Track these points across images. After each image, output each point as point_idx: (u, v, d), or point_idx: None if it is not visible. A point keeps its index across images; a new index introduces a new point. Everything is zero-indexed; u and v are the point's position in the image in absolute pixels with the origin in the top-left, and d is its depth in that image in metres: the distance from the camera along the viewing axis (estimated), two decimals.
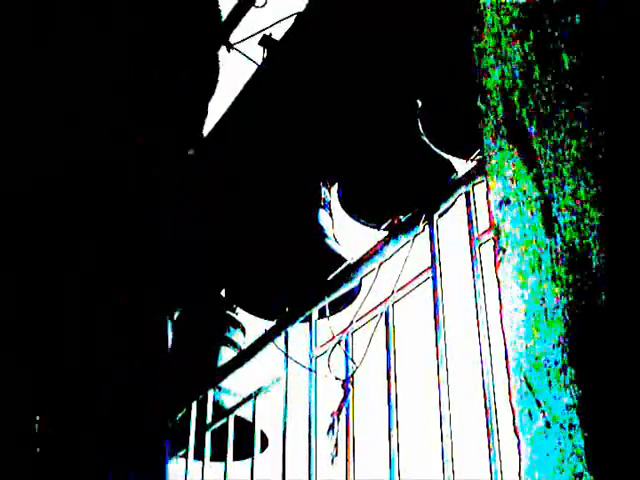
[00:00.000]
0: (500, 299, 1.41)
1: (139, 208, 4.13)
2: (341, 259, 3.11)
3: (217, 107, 3.70)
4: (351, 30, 3.13)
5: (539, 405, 1.25)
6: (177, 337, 4.04)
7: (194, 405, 3.47)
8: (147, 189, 4.11)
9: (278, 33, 3.37)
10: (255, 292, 3.54)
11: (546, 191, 1.35)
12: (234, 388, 3.54)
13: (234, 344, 3.87)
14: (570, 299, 1.26)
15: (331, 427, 2.68)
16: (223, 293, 4.02)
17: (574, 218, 1.29)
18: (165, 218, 4.07)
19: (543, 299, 1.29)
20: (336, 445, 2.65)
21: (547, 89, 1.43)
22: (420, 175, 3.06)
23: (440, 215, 2.61)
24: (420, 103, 3.18)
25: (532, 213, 1.36)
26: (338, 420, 2.68)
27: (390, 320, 2.70)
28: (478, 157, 2.46)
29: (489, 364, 2.20)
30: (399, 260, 2.71)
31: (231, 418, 3.30)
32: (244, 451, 3.33)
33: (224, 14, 3.53)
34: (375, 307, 2.77)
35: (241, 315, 3.93)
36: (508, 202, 1.42)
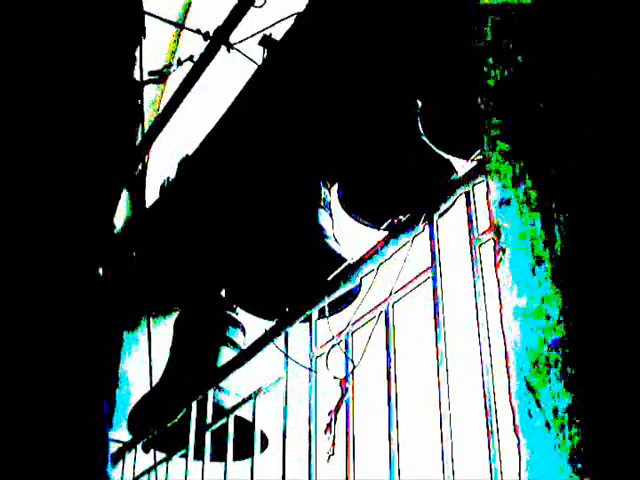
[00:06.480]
0: (500, 299, 1.41)
1: None
2: (341, 259, 3.10)
3: (217, 107, 3.71)
4: (351, 30, 3.13)
5: (539, 405, 1.25)
6: (177, 337, 4.04)
7: (194, 405, 3.47)
8: None
9: (278, 33, 3.38)
10: (255, 292, 3.54)
11: (546, 191, 1.35)
12: (234, 388, 3.54)
13: (234, 344, 3.87)
14: (570, 299, 1.26)
15: (328, 426, 2.68)
16: (223, 293, 4.02)
17: (574, 218, 1.29)
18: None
19: (543, 299, 1.29)
20: (333, 444, 2.65)
21: (547, 88, 1.43)
22: (420, 175, 3.06)
23: (440, 215, 2.61)
24: (420, 103, 3.18)
25: (532, 213, 1.36)
26: (335, 419, 2.69)
27: (390, 320, 2.70)
28: (478, 157, 2.45)
29: (489, 364, 2.20)
30: (399, 260, 2.70)
31: (231, 418, 3.30)
32: (244, 451, 3.33)
33: (224, 14, 3.53)
34: (375, 307, 2.77)
35: (241, 315, 3.93)
36: (508, 202, 1.42)
